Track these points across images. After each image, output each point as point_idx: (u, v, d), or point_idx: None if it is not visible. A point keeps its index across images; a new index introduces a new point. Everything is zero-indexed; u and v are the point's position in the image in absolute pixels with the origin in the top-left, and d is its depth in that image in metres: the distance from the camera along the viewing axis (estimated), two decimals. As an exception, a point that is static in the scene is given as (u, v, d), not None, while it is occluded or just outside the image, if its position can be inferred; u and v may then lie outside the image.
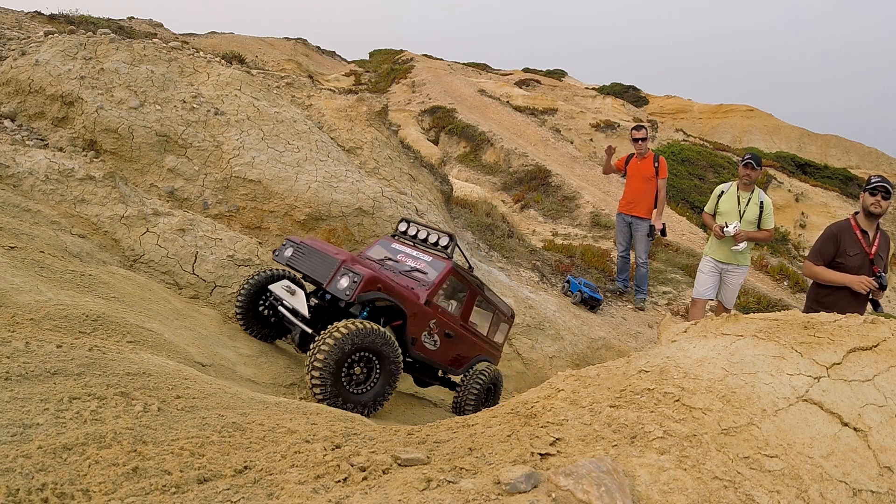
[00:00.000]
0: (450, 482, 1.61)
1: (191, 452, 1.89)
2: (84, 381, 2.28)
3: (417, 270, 4.77)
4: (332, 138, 7.38)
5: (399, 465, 1.79)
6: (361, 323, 3.77)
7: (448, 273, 4.75)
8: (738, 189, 5.83)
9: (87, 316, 3.16)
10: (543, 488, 1.50)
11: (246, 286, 4.57)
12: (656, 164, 8.12)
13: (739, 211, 5.76)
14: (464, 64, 35.04)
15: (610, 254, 11.17)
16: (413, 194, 7.30)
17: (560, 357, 6.89)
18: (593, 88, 35.81)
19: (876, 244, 4.23)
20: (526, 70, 39.49)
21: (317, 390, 3.61)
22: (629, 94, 39.06)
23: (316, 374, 3.59)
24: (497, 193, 15.94)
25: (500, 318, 5.68)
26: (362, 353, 3.79)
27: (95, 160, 5.36)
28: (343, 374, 3.72)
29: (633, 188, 8.27)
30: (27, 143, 5.44)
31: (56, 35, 6.74)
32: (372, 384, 3.90)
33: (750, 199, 5.78)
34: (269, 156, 6.22)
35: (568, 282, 8.60)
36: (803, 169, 27.25)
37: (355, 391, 3.80)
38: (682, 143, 24.97)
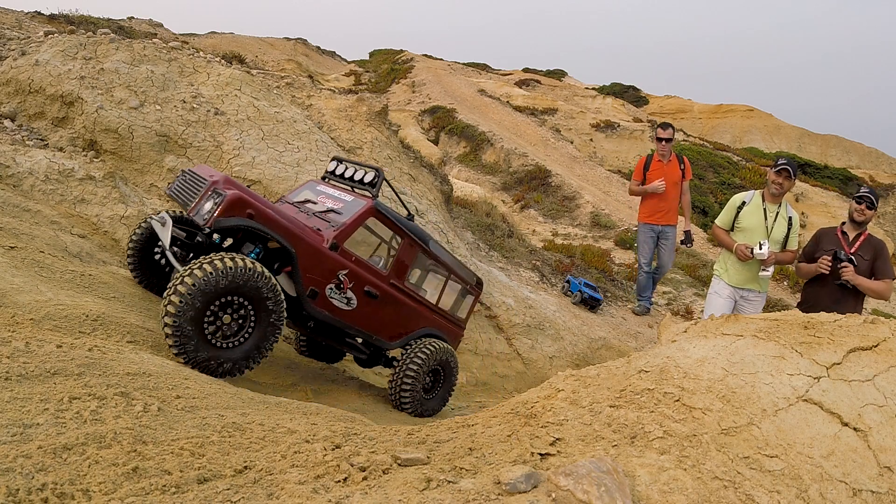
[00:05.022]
0: (450, 482, 1.61)
1: (191, 452, 1.89)
2: (84, 381, 2.28)
3: (332, 211, 4.02)
4: (332, 138, 7.38)
5: (399, 465, 1.79)
6: (232, 258, 3.10)
7: (366, 213, 3.94)
8: (763, 200, 4.83)
9: (87, 316, 3.16)
10: (543, 488, 1.50)
11: (137, 230, 3.98)
12: (682, 167, 7.44)
13: (767, 228, 4.75)
14: (464, 64, 35.05)
15: (610, 253, 11.17)
16: (413, 194, 7.29)
17: (560, 357, 6.89)
18: (593, 88, 35.82)
19: (857, 245, 4.38)
20: (526, 70, 39.50)
21: (170, 341, 3.02)
22: (629, 94, 39.08)
23: (169, 320, 2.97)
24: (497, 193, 15.94)
25: (459, 285, 4.74)
26: (234, 298, 3.14)
27: (95, 160, 5.36)
28: (207, 323, 3.10)
29: (663, 195, 7.39)
30: (27, 143, 5.44)
31: (56, 35, 6.74)
32: (244, 337, 3.24)
33: (778, 213, 4.79)
34: (269, 156, 6.22)
35: (568, 282, 8.60)
36: (803, 169, 27.29)
37: (221, 344, 3.18)
38: (682, 143, 24.98)
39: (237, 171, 5.96)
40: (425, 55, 35.27)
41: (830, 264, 4.26)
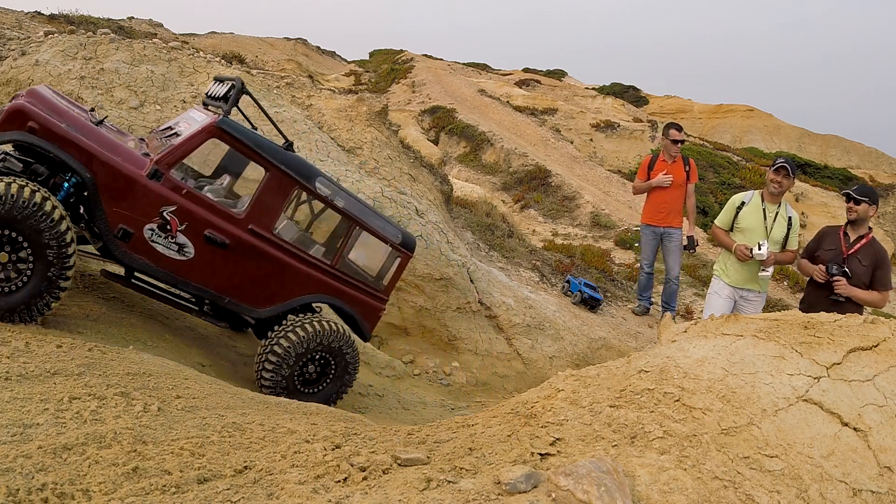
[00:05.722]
0: (450, 482, 1.61)
1: (191, 452, 1.89)
2: (84, 381, 2.28)
3: (175, 134, 3.37)
4: (332, 138, 7.38)
5: (399, 465, 1.79)
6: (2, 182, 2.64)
7: (203, 133, 3.16)
8: (762, 200, 4.82)
9: (87, 316, 3.17)
10: (543, 488, 1.50)
11: None
12: (687, 169, 7.31)
13: (766, 228, 4.76)
14: (464, 64, 35.04)
15: (610, 253, 11.17)
16: (413, 194, 7.29)
17: (560, 357, 6.89)
18: (593, 88, 35.82)
19: (856, 248, 4.32)
20: (526, 70, 39.47)
21: None
22: (629, 94, 39.05)
23: None
24: (497, 193, 15.94)
25: (375, 243, 3.84)
26: (6, 233, 2.70)
27: (95, 160, 5.36)
28: None
29: (665, 196, 7.29)
30: (27, 143, 5.44)
31: (56, 35, 6.74)
32: (22, 281, 2.75)
33: (777, 213, 4.79)
34: (269, 156, 6.22)
35: (568, 282, 8.60)
36: (803, 169, 27.29)
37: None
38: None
39: (237, 171, 5.97)
40: (425, 55, 35.24)
41: (826, 278, 4.23)
